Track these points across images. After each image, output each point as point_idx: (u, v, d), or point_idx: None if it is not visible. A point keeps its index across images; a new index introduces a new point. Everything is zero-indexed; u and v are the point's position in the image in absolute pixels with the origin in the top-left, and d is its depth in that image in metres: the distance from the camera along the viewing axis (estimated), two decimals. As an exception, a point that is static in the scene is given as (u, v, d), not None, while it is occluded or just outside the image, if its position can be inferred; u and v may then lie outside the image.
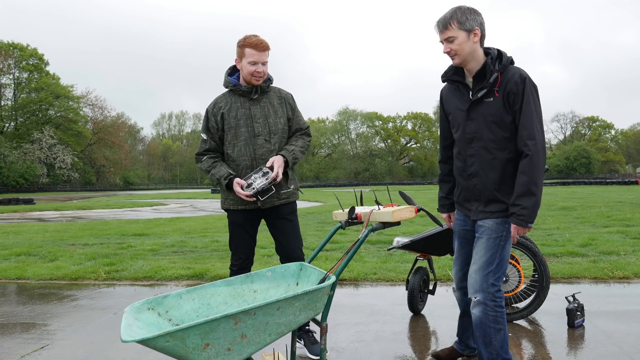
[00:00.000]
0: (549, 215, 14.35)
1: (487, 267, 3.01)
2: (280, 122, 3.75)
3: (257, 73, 3.61)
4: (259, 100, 3.73)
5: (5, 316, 5.06)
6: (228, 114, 3.70)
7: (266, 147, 3.67)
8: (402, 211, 2.87)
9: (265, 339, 2.40)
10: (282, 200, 3.75)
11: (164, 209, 25.87)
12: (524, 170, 2.87)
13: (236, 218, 3.81)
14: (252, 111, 3.69)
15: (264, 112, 3.71)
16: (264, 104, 3.73)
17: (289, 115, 3.82)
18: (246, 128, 3.67)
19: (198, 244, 9.77)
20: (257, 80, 3.65)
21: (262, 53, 3.60)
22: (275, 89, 3.84)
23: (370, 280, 6.25)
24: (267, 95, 3.77)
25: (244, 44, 3.60)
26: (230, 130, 3.70)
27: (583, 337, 4.11)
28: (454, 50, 2.94)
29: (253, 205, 3.70)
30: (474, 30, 2.92)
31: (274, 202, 3.71)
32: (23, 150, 67.67)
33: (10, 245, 10.00)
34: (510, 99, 2.89)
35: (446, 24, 2.92)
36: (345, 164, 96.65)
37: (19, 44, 73.55)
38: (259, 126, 3.67)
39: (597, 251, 7.76)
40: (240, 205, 3.74)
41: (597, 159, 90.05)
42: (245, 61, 3.61)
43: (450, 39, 2.93)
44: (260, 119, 3.68)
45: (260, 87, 3.70)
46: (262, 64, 3.61)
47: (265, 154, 3.66)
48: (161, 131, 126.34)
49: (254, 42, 3.58)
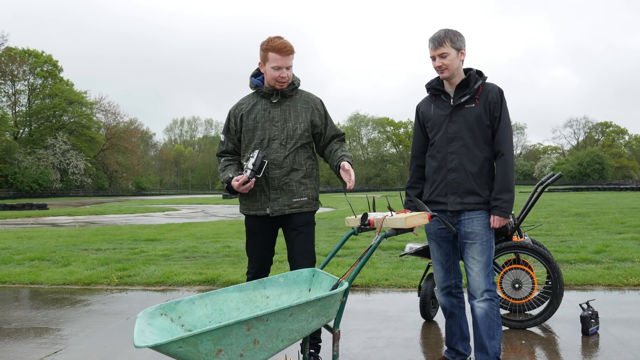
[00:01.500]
0: (562, 222, 14.24)
1: (486, 268, 3.31)
2: (301, 127, 3.55)
3: (281, 78, 3.46)
4: (280, 103, 3.56)
5: (19, 321, 5.10)
6: (247, 116, 3.58)
7: (280, 152, 3.50)
8: (416, 217, 2.85)
9: (278, 345, 2.40)
10: (294, 209, 3.54)
11: (176, 214, 25.98)
12: (501, 169, 3.29)
13: (251, 226, 3.67)
14: (271, 114, 3.54)
15: (284, 115, 3.54)
16: (285, 108, 3.56)
17: (315, 122, 3.62)
18: (263, 131, 3.52)
19: (210, 250, 9.79)
20: (280, 85, 3.50)
21: (287, 57, 3.44)
22: (303, 93, 3.67)
23: (381, 287, 6.23)
24: (291, 99, 3.60)
25: (267, 48, 3.44)
26: (248, 132, 3.57)
27: (597, 345, 4.07)
28: (445, 64, 3.27)
29: (262, 211, 3.56)
30: (462, 50, 3.30)
31: (284, 211, 3.53)
32: (37, 156, 68.26)
33: (24, 250, 10.07)
34: (492, 107, 3.29)
35: (441, 42, 3.26)
36: (357, 170, 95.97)
37: (34, 50, 74.29)
38: (275, 130, 3.51)
39: (611, 258, 7.68)
40: (251, 210, 3.62)
41: (610, 165, 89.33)
42: (268, 66, 3.45)
43: (444, 54, 3.26)
44: (279, 123, 3.52)
45: (282, 91, 3.54)
46: (286, 68, 3.45)
47: (279, 159, 3.50)
48: (173, 137, 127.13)
49: (278, 46, 3.41)
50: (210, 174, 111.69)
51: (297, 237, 3.60)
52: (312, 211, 3.67)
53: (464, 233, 3.35)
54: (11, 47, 69.32)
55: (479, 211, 3.31)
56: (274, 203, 3.54)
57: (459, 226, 3.36)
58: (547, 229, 12.35)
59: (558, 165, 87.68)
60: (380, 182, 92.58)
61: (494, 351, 3.30)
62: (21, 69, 71.15)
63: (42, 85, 75.02)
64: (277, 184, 3.52)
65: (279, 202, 3.53)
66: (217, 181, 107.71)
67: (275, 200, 3.53)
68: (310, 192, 3.63)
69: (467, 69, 3.38)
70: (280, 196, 3.53)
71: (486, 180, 3.33)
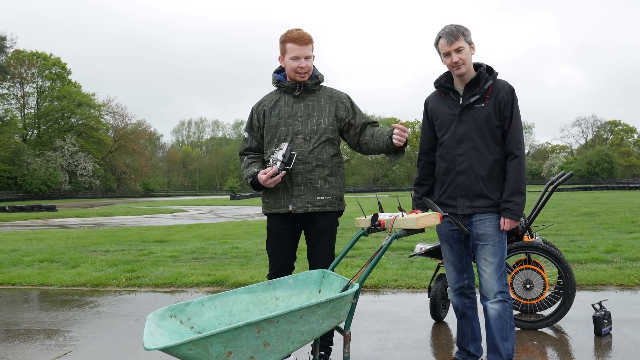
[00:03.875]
0: (571, 221, 14.15)
1: (499, 269, 3.28)
2: (325, 121, 3.50)
3: (300, 69, 3.43)
4: (303, 98, 3.52)
5: (29, 322, 5.11)
6: (270, 112, 3.54)
7: (304, 147, 3.44)
8: (427, 218, 2.82)
9: (288, 347, 2.38)
10: (317, 208, 3.46)
11: (184, 215, 26.03)
12: (513, 170, 3.21)
13: (272, 225, 3.59)
14: (294, 109, 3.50)
15: (307, 110, 3.50)
16: (309, 102, 3.52)
17: (340, 115, 3.56)
18: (286, 127, 3.48)
19: (218, 251, 9.79)
20: (301, 76, 3.46)
21: (305, 47, 3.43)
22: (327, 89, 3.63)
23: (391, 287, 6.20)
24: (315, 94, 3.56)
25: (285, 39, 3.44)
26: (271, 128, 3.53)
27: (610, 346, 4.02)
28: (462, 59, 3.19)
29: (285, 208, 3.46)
30: (472, 44, 3.26)
31: (307, 209, 3.45)
32: (45, 158, 68.59)
33: (33, 252, 10.11)
34: (502, 106, 3.22)
35: (456, 36, 3.18)
36: (364, 170, 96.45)
37: (42, 53, 74.67)
38: (299, 124, 3.46)
39: (622, 257, 7.61)
40: (273, 208, 3.53)
41: (619, 164, 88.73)
42: (287, 57, 3.45)
43: (460, 49, 3.19)
44: (302, 117, 3.48)
45: (304, 84, 3.50)
46: (304, 58, 3.43)
47: (303, 154, 3.43)
48: (180, 138, 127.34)
49: (295, 36, 3.41)
50: (217, 175, 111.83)
51: (319, 239, 3.54)
52: (335, 211, 3.60)
53: (476, 234, 3.31)
54: (20, 50, 69.74)
55: (490, 213, 3.27)
56: (297, 200, 3.45)
57: (471, 227, 3.32)
58: (556, 228, 12.27)
59: (566, 164, 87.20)
60: (388, 182, 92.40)
61: (507, 353, 3.27)
62: (30, 71, 71.59)
63: (50, 88, 75.42)
64: (300, 180, 3.45)
65: (302, 199, 3.45)
66: (224, 182, 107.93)
67: (298, 197, 3.45)
68: (335, 191, 3.55)
69: (477, 64, 3.31)
70: (304, 193, 3.46)
71: (496, 182, 3.26)
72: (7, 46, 62.04)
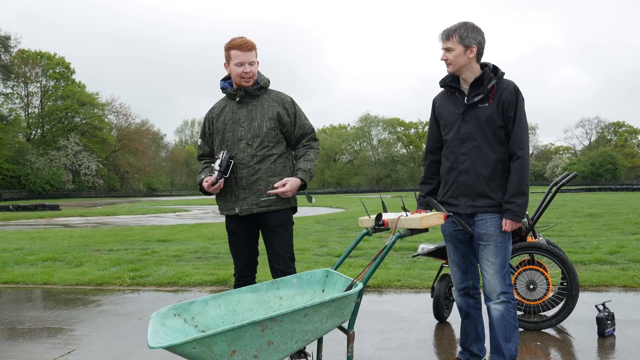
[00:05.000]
0: (575, 222, 14.12)
1: (501, 270, 3.26)
2: (267, 125, 3.58)
3: (244, 74, 3.54)
4: (246, 103, 3.63)
5: (33, 321, 5.12)
6: (217, 119, 3.68)
7: (247, 152, 3.56)
8: (431, 217, 2.83)
9: (292, 346, 2.38)
10: (262, 208, 3.57)
11: (187, 215, 26.06)
12: (516, 171, 3.19)
13: (229, 225, 3.73)
14: (237, 115, 3.62)
15: (250, 115, 3.60)
16: (252, 107, 3.62)
17: (282, 120, 3.64)
18: (231, 133, 3.61)
19: (221, 250, 9.80)
20: (246, 81, 3.57)
21: (248, 53, 3.54)
22: (272, 93, 3.72)
23: (394, 287, 6.20)
24: (259, 98, 3.65)
25: (229, 47, 3.56)
26: (218, 134, 3.67)
27: (614, 347, 4.02)
28: (450, 60, 3.23)
29: (232, 211, 3.61)
30: (471, 47, 3.20)
31: (252, 210, 3.57)
32: (49, 157, 68.77)
33: (37, 251, 10.13)
34: (505, 106, 3.20)
35: (448, 36, 3.21)
36: (367, 170, 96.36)
37: (46, 52, 74.84)
38: (242, 130, 3.58)
39: (626, 259, 7.60)
40: (223, 210, 3.71)
41: (623, 165, 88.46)
42: (232, 63, 3.56)
43: (449, 49, 3.21)
44: (245, 123, 3.59)
45: (245, 90, 3.60)
46: (249, 64, 3.54)
47: (246, 159, 3.56)
48: (184, 138, 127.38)
49: (238, 43, 3.53)
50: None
51: (273, 237, 3.66)
52: (284, 209, 3.66)
53: (478, 234, 3.31)
54: (24, 49, 69.97)
55: (492, 213, 3.26)
56: (242, 202, 3.60)
57: (473, 227, 3.32)
58: (560, 229, 12.25)
59: (570, 165, 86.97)
60: (391, 183, 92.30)
61: (510, 354, 3.26)
62: (34, 71, 71.79)
63: (54, 87, 75.62)
64: (245, 184, 3.58)
65: (247, 201, 3.59)
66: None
67: (243, 200, 3.60)
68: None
69: (483, 64, 3.29)
70: (249, 195, 3.59)
71: (499, 182, 3.25)
72: (11, 45, 62.22)
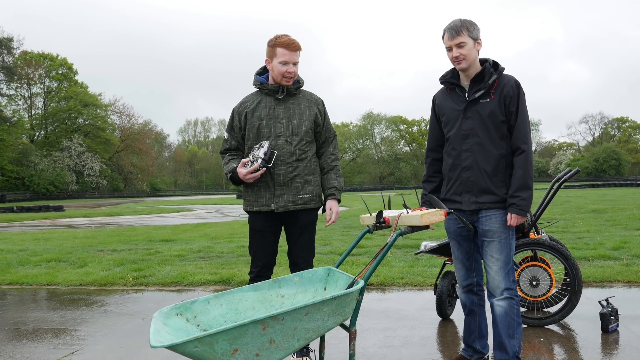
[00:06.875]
0: (578, 218, 14.09)
1: (505, 266, 3.25)
2: (305, 124, 3.61)
3: (287, 74, 3.52)
4: (285, 100, 3.62)
5: (37, 321, 5.14)
6: (252, 113, 3.63)
7: (286, 149, 3.56)
8: (432, 214, 2.82)
9: (294, 344, 2.38)
10: (298, 205, 3.60)
11: (191, 214, 26.08)
12: (520, 165, 3.19)
13: (255, 223, 3.70)
14: (276, 111, 3.60)
15: (288, 113, 3.60)
16: (290, 105, 3.62)
17: (317, 121, 3.69)
18: (268, 129, 3.58)
19: (224, 250, 9.81)
20: (287, 81, 3.56)
21: (294, 53, 3.53)
22: (306, 93, 3.74)
23: (397, 285, 6.20)
24: (295, 97, 3.66)
25: (276, 44, 3.52)
26: (252, 129, 3.61)
27: (618, 343, 4.01)
28: (463, 55, 3.18)
29: (267, 207, 3.58)
30: (478, 40, 3.23)
31: (288, 207, 3.58)
32: (53, 158, 68.91)
33: (41, 252, 10.16)
34: (507, 101, 3.20)
35: (458, 31, 3.18)
36: (370, 168, 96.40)
37: (49, 54, 75.00)
38: (281, 127, 3.57)
39: (629, 254, 7.58)
40: (255, 206, 3.64)
41: (627, 161, 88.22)
42: (276, 61, 3.52)
43: (462, 44, 3.17)
44: (284, 120, 3.58)
45: (287, 88, 3.60)
46: (293, 64, 3.53)
47: (285, 155, 3.55)
48: (187, 137, 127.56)
49: (286, 42, 3.51)
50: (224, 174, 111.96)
51: (301, 235, 3.68)
52: (315, 208, 3.73)
53: (482, 231, 3.30)
54: (27, 51, 70.07)
55: (496, 209, 3.25)
56: (278, 199, 3.59)
57: (477, 224, 3.31)
58: (563, 225, 12.22)
59: (574, 161, 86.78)
60: (394, 181, 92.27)
61: (514, 350, 3.26)
62: (37, 72, 71.95)
63: (57, 88, 75.80)
64: (282, 180, 3.57)
65: (283, 198, 3.58)
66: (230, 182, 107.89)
67: (280, 197, 3.59)
68: (314, 189, 3.69)
69: (483, 59, 3.30)
70: (285, 192, 3.59)
71: (502, 177, 3.24)
72: (14, 47, 62.39)
